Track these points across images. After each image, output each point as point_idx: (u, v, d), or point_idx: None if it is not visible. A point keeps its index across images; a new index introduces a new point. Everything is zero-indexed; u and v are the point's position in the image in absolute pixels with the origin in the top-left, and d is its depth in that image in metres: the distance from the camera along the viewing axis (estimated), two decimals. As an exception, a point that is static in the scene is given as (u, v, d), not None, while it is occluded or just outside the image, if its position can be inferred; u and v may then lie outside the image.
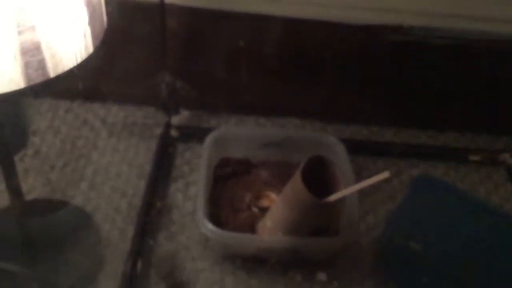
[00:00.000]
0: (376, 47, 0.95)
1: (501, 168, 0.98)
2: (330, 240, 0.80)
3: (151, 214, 0.86)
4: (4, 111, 0.66)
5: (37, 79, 0.50)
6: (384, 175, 0.63)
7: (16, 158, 0.90)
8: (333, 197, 0.69)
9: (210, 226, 0.76)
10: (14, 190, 0.73)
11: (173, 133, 0.99)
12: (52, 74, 0.51)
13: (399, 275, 0.79)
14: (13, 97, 0.50)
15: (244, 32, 0.95)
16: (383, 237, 0.84)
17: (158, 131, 0.99)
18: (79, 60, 0.54)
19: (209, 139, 0.88)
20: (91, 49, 0.55)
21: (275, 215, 0.77)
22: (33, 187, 0.89)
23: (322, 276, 0.80)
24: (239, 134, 0.93)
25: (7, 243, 0.76)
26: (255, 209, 0.84)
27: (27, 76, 0.50)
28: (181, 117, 1.02)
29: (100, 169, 0.93)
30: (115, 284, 0.77)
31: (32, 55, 0.49)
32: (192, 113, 1.04)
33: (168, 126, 0.99)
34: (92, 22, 0.54)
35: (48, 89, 0.51)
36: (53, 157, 0.95)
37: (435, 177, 0.95)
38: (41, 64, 0.50)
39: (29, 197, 0.85)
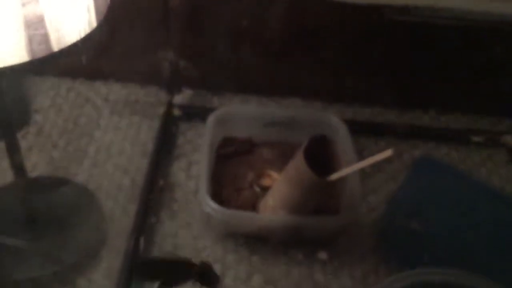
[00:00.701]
0: (380, 27, 0.95)
1: (503, 150, 0.98)
2: (332, 219, 0.80)
3: (154, 192, 0.87)
4: (7, 87, 0.66)
5: (41, 53, 0.50)
6: (387, 153, 0.63)
7: (19, 136, 0.90)
8: (335, 176, 0.69)
9: (212, 204, 0.76)
10: (18, 167, 0.73)
11: (176, 112, 0.99)
12: (55, 48, 0.51)
13: (399, 254, 0.79)
14: (17, 71, 0.50)
15: (247, 11, 0.94)
16: (384, 217, 0.85)
17: (161, 110, 0.99)
18: (83, 35, 0.53)
19: (211, 118, 0.88)
20: (94, 24, 0.55)
21: (277, 194, 0.78)
22: (36, 165, 0.89)
23: (322, 255, 0.81)
24: (242, 113, 0.93)
25: (12, 219, 0.77)
26: (257, 188, 0.85)
27: (30, 50, 0.50)
28: (183, 96, 1.02)
29: (102, 147, 0.93)
30: (118, 260, 0.77)
31: (35, 28, 0.49)
32: (195, 92, 1.03)
33: (170, 105, 0.99)
34: (95, -3, 0.54)
35: (52, 63, 0.51)
36: (55, 135, 0.95)
37: (436, 158, 0.95)
38: (45, 38, 0.50)
39: (32, 174, 0.86)
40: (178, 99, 1.01)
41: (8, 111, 0.68)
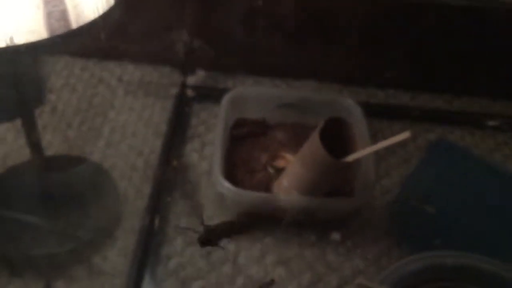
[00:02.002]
0: (395, 8, 0.94)
1: (518, 134, 0.97)
2: (346, 201, 0.80)
3: (167, 172, 0.87)
4: (22, 64, 0.66)
5: (60, 30, 0.50)
6: (405, 135, 0.63)
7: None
8: (351, 157, 0.69)
9: (226, 184, 0.77)
10: (34, 145, 0.74)
11: (189, 93, 0.99)
12: (74, 25, 0.51)
13: (412, 237, 0.79)
14: (36, 48, 0.50)
15: (262, -9, 0.93)
16: (397, 199, 0.85)
17: (174, 90, 0.99)
18: (101, 12, 0.53)
19: (226, 99, 0.88)
20: (112, 2, 0.55)
21: (291, 175, 0.78)
22: (50, 144, 0.90)
23: (336, 236, 0.81)
24: (256, 94, 0.93)
25: (28, 196, 0.78)
26: (270, 170, 0.85)
27: (49, 26, 0.50)
28: (197, 77, 1.02)
29: (116, 128, 0.94)
30: (133, 239, 0.78)
31: (54, 5, 0.49)
32: (208, 73, 1.03)
33: (184, 86, 0.99)
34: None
35: (71, 41, 0.51)
36: (69, 115, 0.96)
37: (451, 142, 0.94)
38: (63, 15, 0.50)
39: (47, 153, 0.86)
40: (192, 80, 1.01)
41: (25, 89, 0.69)
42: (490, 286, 0.68)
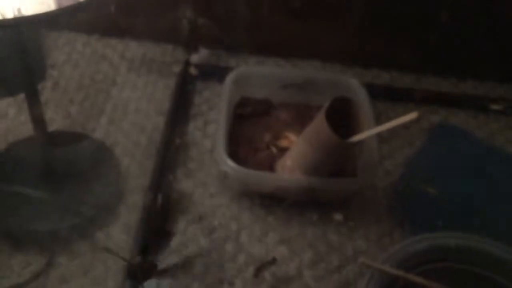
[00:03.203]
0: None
1: (521, 118, 0.97)
2: (349, 181, 0.80)
3: (170, 150, 0.87)
4: (27, 39, 0.66)
5: (68, 2, 0.49)
6: (412, 115, 0.63)
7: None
8: (357, 138, 0.69)
9: (230, 162, 0.77)
10: (37, 121, 0.73)
11: (192, 71, 0.98)
12: (82, -3, 0.50)
13: (414, 218, 0.80)
14: (43, 20, 0.49)
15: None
16: (400, 181, 0.85)
17: (177, 68, 0.98)
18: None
19: (230, 77, 0.87)
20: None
21: (295, 155, 0.78)
22: (53, 120, 0.89)
23: (338, 216, 0.81)
24: (261, 74, 0.93)
25: (31, 171, 0.78)
26: (274, 149, 0.85)
27: (57, -2, 0.49)
28: (200, 55, 1.01)
29: (119, 104, 0.93)
30: (135, 216, 0.78)
31: (63, -24, 0.48)
32: (211, 51, 1.02)
33: (187, 64, 0.98)
34: None
35: (78, 14, 0.50)
36: (72, 91, 0.95)
37: (454, 124, 0.94)
38: (72, -13, 0.49)
39: (50, 129, 0.86)
40: (195, 58, 1.00)
41: (28, 63, 0.68)
42: (492, 267, 0.68)
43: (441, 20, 0.96)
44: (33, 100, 0.71)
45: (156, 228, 0.77)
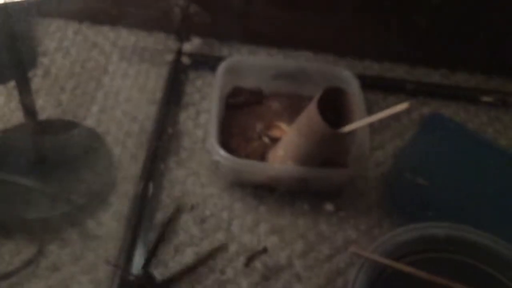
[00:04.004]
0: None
1: (511, 110, 0.98)
2: (340, 172, 0.81)
3: (162, 139, 0.87)
4: (17, 25, 0.65)
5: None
6: (404, 106, 0.63)
7: (26, 78, 0.89)
8: (348, 128, 0.69)
9: (222, 152, 0.77)
10: (28, 108, 0.73)
11: (185, 60, 0.98)
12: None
13: (404, 209, 0.80)
14: (34, 5, 0.48)
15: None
16: (391, 172, 0.85)
17: (169, 57, 0.98)
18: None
19: (222, 67, 0.87)
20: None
21: (287, 144, 0.78)
22: (43, 107, 0.89)
23: (329, 206, 0.82)
24: (253, 63, 0.92)
25: (21, 159, 0.77)
26: (265, 139, 0.85)
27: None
28: (192, 44, 1.00)
29: (110, 93, 0.93)
30: (126, 205, 0.78)
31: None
32: (204, 40, 1.02)
33: (179, 52, 0.98)
34: None
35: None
36: (63, 79, 0.94)
37: (445, 116, 0.95)
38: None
39: (40, 117, 0.85)
40: (187, 47, 1.00)
41: (19, 50, 0.67)
42: (481, 257, 0.69)
43: (433, 12, 0.96)
44: (24, 87, 0.71)
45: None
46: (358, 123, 0.69)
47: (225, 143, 0.82)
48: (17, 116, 0.86)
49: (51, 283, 0.71)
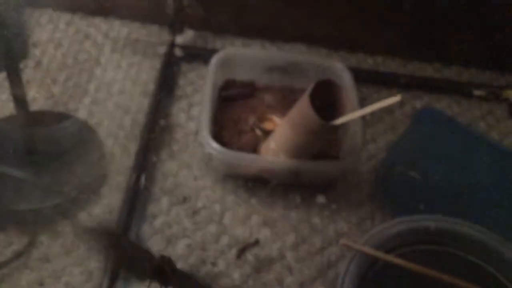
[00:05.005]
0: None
1: (504, 104, 0.98)
2: (332, 164, 0.81)
3: (154, 132, 0.87)
4: (7, 16, 0.65)
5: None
6: (396, 98, 0.63)
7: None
8: (340, 120, 0.69)
9: (214, 144, 0.77)
10: (19, 99, 0.72)
11: (177, 52, 0.97)
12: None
13: (396, 202, 0.81)
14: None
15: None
16: (383, 165, 0.86)
17: (162, 49, 0.97)
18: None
19: (215, 59, 0.87)
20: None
21: (279, 137, 0.78)
22: (35, 99, 0.88)
23: (321, 199, 0.82)
24: (246, 56, 0.92)
25: (12, 151, 0.77)
26: (258, 132, 0.85)
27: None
28: (185, 37, 1.00)
29: (103, 85, 0.92)
30: (119, 197, 0.78)
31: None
32: (197, 33, 1.01)
33: (172, 45, 0.97)
34: None
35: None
36: (54, 70, 0.94)
37: (438, 110, 0.95)
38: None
39: (32, 108, 0.85)
40: (180, 39, 0.99)
41: (10, 41, 0.67)
42: (470, 249, 0.69)
43: (427, 6, 0.96)
44: (15, 78, 0.70)
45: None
46: (350, 116, 0.69)
47: (218, 135, 0.82)
48: (8, 108, 0.85)
49: (43, 274, 0.71)
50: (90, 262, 0.72)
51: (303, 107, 0.71)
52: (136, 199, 0.78)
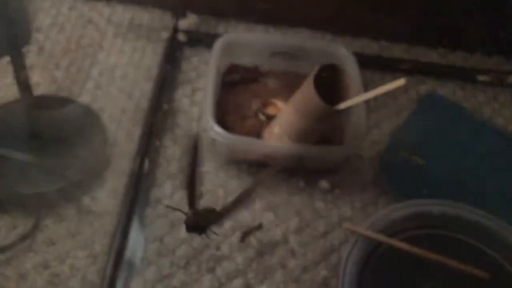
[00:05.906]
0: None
1: (508, 90, 0.98)
2: (335, 149, 0.81)
3: (157, 116, 0.86)
4: (9, 1, 0.64)
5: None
6: (400, 82, 0.63)
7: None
8: (344, 104, 0.69)
9: (218, 129, 0.76)
10: (23, 84, 0.72)
11: (181, 37, 0.97)
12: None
13: (399, 186, 0.81)
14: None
15: None
16: (387, 150, 0.85)
17: (165, 34, 0.97)
18: None
19: (218, 44, 0.86)
20: None
21: (283, 122, 0.78)
22: (38, 84, 0.88)
23: (324, 184, 0.82)
24: (249, 40, 0.91)
25: (17, 135, 0.77)
26: (262, 117, 0.85)
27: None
28: (188, 21, 0.99)
29: (106, 70, 0.92)
30: (122, 181, 0.78)
31: None
32: (200, 17, 1.01)
33: (175, 30, 0.97)
34: None
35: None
36: (57, 55, 0.93)
37: (442, 95, 0.94)
38: None
39: (36, 93, 0.85)
40: (183, 24, 0.99)
41: (13, 26, 0.67)
42: (474, 234, 0.69)
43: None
44: (18, 63, 0.70)
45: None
46: (354, 100, 0.68)
47: (221, 120, 0.81)
48: (12, 92, 0.85)
49: (48, 257, 0.71)
50: (95, 245, 0.72)
51: (307, 91, 0.71)
52: (140, 184, 0.79)
